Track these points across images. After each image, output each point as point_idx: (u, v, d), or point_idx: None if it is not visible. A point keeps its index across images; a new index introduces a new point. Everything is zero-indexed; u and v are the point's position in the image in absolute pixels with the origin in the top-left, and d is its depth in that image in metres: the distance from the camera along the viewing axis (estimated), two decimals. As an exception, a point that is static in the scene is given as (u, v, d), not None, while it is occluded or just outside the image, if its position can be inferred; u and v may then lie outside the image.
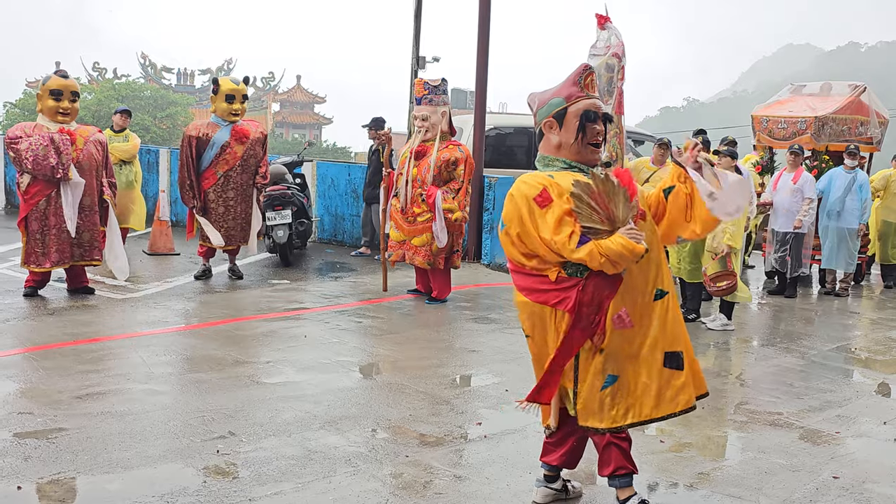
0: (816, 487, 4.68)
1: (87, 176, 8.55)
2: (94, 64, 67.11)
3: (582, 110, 3.97)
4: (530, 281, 3.97)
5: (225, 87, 9.89)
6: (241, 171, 9.87)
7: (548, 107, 4.03)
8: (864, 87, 12.62)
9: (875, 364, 7.90)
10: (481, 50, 12.38)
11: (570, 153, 3.99)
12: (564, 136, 3.98)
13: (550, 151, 4.04)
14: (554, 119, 4.00)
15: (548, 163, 4.03)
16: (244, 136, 9.85)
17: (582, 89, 4.02)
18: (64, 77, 8.68)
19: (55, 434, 4.90)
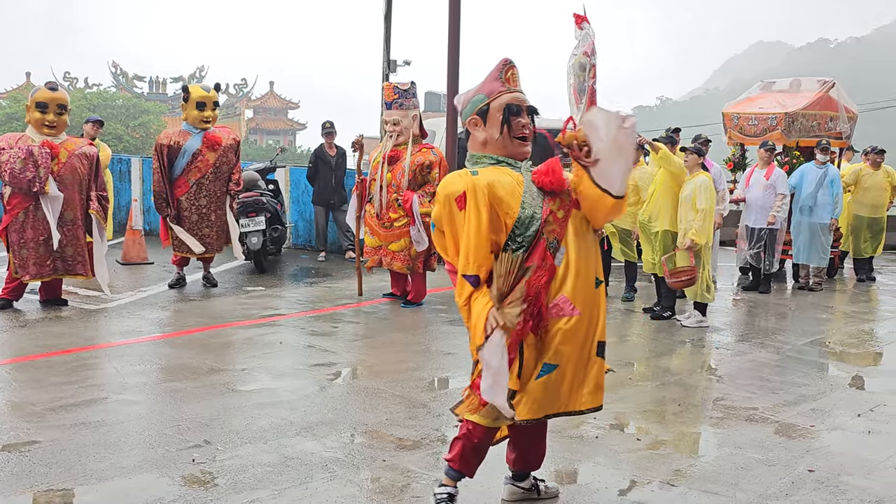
0: (792, 481, 4.71)
1: (68, 190, 8.47)
2: (65, 73, 66.60)
3: (504, 104, 3.97)
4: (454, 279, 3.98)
5: (195, 95, 9.84)
6: (214, 178, 9.81)
7: (471, 104, 4.03)
8: (833, 82, 12.73)
9: (849, 357, 7.96)
10: (452, 53, 12.39)
11: (497, 148, 3.99)
12: (489, 131, 3.98)
13: (478, 149, 4.03)
14: (478, 116, 4.00)
15: (476, 160, 4.02)
16: (216, 143, 9.79)
17: (503, 83, 4.03)
18: (52, 90, 8.57)
19: (28, 447, 4.85)
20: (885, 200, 12.91)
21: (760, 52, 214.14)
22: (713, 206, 8.81)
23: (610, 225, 10.14)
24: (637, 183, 9.93)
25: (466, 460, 4.10)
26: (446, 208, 3.85)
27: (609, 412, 5.88)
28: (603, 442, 5.29)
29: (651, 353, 7.86)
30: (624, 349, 8.06)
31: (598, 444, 5.25)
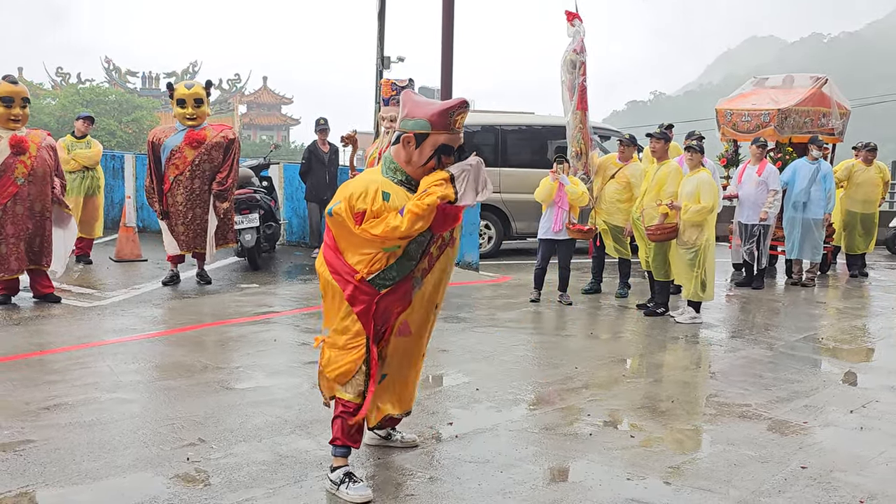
0: (785, 478, 4.73)
1: (39, 182, 8.57)
2: (58, 69, 66.54)
3: (441, 143, 4.21)
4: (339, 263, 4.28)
5: (177, 92, 9.81)
6: (192, 176, 9.65)
7: (414, 123, 4.23)
8: (826, 78, 12.75)
9: (842, 353, 7.99)
10: (446, 50, 12.40)
11: (414, 172, 4.26)
12: (417, 157, 4.24)
13: (400, 161, 4.28)
14: (414, 137, 4.22)
15: (393, 168, 4.29)
16: (198, 140, 9.65)
17: (450, 125, 4.22)
18: (13, 83, 8.63)
19: (22, 446, 4.85)
20: (877, 196, 12.97)
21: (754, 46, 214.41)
22: (717, 203, 8.89)
23: (602, 222, 10.18)
24: (629, 179, 9.97)
25: (349, 434, 4.41)
26: (346, 214, 4.14)
27: (603, 409, 5.91)
28: (596, 439, 5.30)
29: (644, 349, 7.88)
30: (617, 346, 8.08)
31: (592, 441, 5.27)
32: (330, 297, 4.36)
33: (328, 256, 4.32)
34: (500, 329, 8.42)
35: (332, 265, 4.30)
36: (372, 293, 4.24)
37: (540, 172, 9.96)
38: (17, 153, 8.41)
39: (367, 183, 4.20)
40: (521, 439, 5.24)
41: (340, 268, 4.26)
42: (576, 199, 9.44)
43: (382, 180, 4.23)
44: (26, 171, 8.44)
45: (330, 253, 4.32)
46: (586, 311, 9.59)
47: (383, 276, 4.23)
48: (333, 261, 4.29)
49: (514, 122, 14.77)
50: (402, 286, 4.30)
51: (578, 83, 10.54)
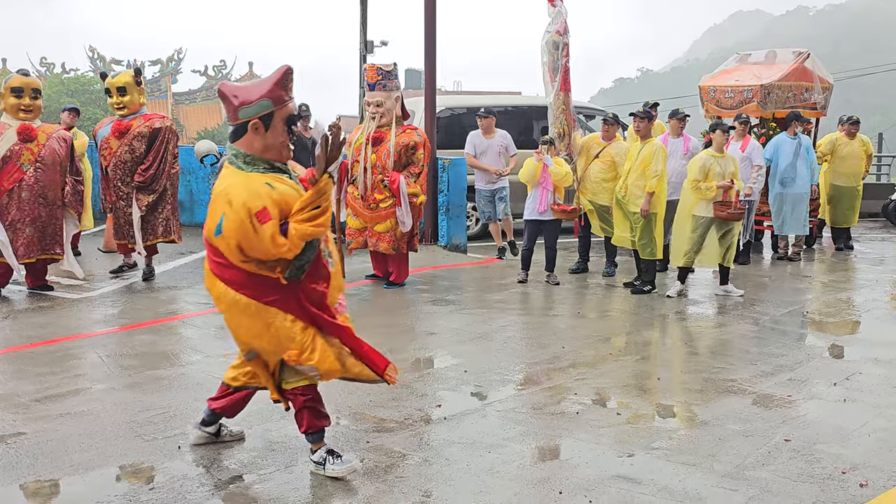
0: (768, 451, 4.80)
1: (49, 171, 8.64)
2: (42, 59, 65.99)
3: (287, 115, 4.15)
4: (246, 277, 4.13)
5: (106, 83, 9.49)
6: (115, 167, 9.32)
7: (256, 107, 4.09)
8: (808, 53, 12.78)
9: (826, 326, 8.07)
10: (429, 32, 12.38)
11: (275, 154, 4.17)
12: (271, 138, 4.13)
13: (255, 151, 4.13)
14: (260, 121, 4.09)
15: (252, 162, 4.13)
16: (123, 131, 9.33)
17: (286, 92, 4.16)
18: (25, 75, 8.82)
19: (14, 438, 4.89)
20: (861, 169, 13.03)
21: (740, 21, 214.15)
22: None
23: (588, 202, 10.22)
24: (614, 158, 10.01)
25: (318, 416, 4.45)
26: (245, 219, 3.94)
27: (590, 387, 5.98)
28: (583, 417, 5.37)
29: (631, 327, 7.94)
30: (604, 324, 8.14)
31: (579, 419, 5.33)
32: (243, 317, 4.20)
33: (229, 275, 4.13)
34: (488, 310, 8.47)
35: (235, 281, 4.13)
36: (293, 286, 4.16)
37: (526, 153, 9.99)
38: (24, 140, 8.50)
39: (244, 183, 4.03)
40: (509, 419, 5.30)
41: (249, 279, 4.12)
42: (560, 180, 9.48)
43: (253, 176, 4.07)
44: (33, 159, 8.53)
45: (229, 271, 4.13)
46: (574, 290, 9.65)
47: (297, 264, 4.12)
48: (236, 276, 4.12)
49: (499, 104, 14.78)
50: (316, 262, 4.23)
51: (562, 64, 10.56)
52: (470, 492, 4.25)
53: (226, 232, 3.98)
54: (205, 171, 13.72)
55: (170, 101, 69.08)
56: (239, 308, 4.18)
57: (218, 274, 4.18)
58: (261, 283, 4.12)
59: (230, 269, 4.12)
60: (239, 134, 4.13)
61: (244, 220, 3.93)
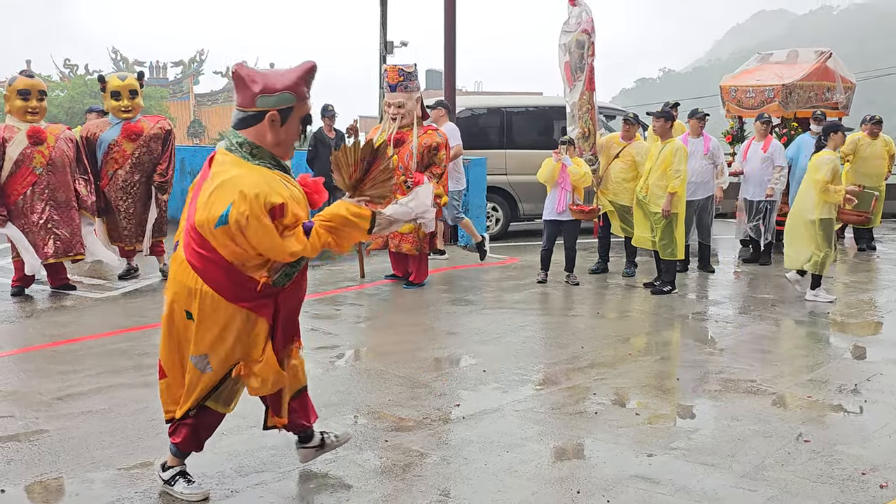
0: (788, 452, 4.78)
1: (59, 173, 8.69)
2: (66, 60, 66.53)
3: (304, 113, 3.93)
4: (228, 277, 3.86)
5: (111, 85, 9.44)
6: (132, 169, 9.37)
7: (277, 98, 3.84)
8: (830, 52, 12.71)
9: (847, 328, 8.02)
10: (448, 32, 12.40)
11: (282, 152, 3.95)
12: (284, 134, 3.90)
13: (266, 144, 3.88)
14: (279, 114, 3.85)
15: (259, 155, 3.88)
16: (135, 133, 9.37)
17: (308, 92, 3.94)
18: (30, 77, 8.86)
19: (37, 436, 4.94)
20: (884, 170, 12.91)
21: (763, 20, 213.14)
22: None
23: (608, 203, 10.21)
24: (634, 158, 9.98)
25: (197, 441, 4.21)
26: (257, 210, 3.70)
27: (609, 387, 5.97)
28: (602, 417, 5.36)
29: (651, 328, 7.93)
30: (624, 324, 8.12)
31: (598, 419, 5.33)
32: (211, 316, 3.89)
33: (210, 271, 3.83)
34: (508, 310, 8.47)
35: (216, 280, 3.84)
36: (275, 292, 3.96)
37: (546, 154, 9.98)
38: (34, 143, 8.55)
39: (257, 174, 3.79)
40: (528, 419, 5.31)
41: (231, 280, 3.85)
42: (578, 180, 9.46)
43: (262, 170, 3.83)
44: (44, 161, 8.58)
45: (213, 266, 3.83)
46: (593, 290, 9.64)
47: (287, 271, 3.95)
48: (218, 275, 3.83)
49: (519, 104, 14.79)
50: (299, 276, 4.07)
51: (588, 63, 10.54)
52: (488, 491, 4.26)
53: (232, 223, 3.68)
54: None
55: (192, 102, 69.45)
56: (210, 306, 3.87)
57: (197, 266, 3.85)
58: (241, 284, 3.86)
59: (212, 265, 3.82)
60: (250, 122, 3.86)
61: (258, 213, 3.67)
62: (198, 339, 3.94)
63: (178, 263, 3.94)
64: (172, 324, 4.03)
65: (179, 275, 3.92)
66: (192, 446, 4.20)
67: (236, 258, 3.82)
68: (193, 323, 3.92)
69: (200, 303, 3.87)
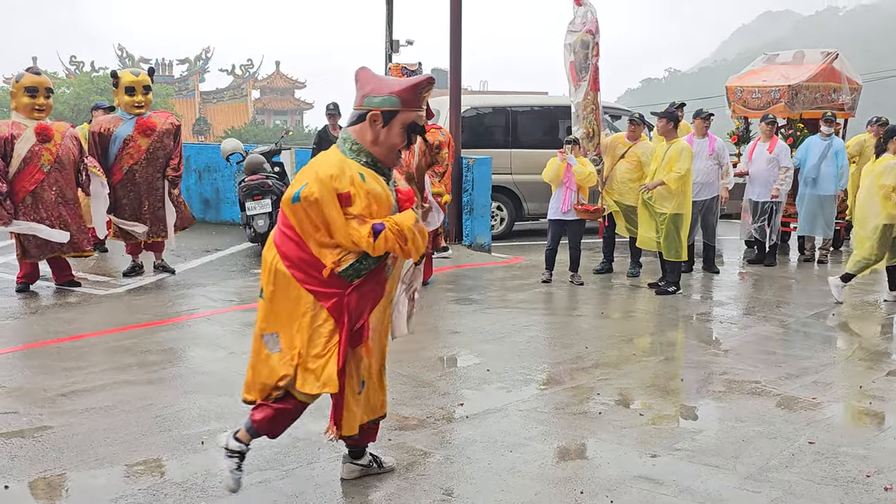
0: (792, 454, 4.77)
1: (66, 171, 8.71)
2: (71, 57, 66.75)
3: (410, 121, 3.98)
4: (302, 256, 3.93)
5: (125, 80, 9.48)
6: (147, 164, 9.45)
7: (382, 100, 3.95)
8: (837, 53, 12.69)
9: (853, 329, 8.00)
10: (454, 31, 12.39)
11: (381, 152, 4.00)
12: (385, 135, 3.97)
13: (365, 142, 3.98)
14: (381, 115, 3.94)
15: (357, 151, 3.98)
16: (149, 128, 9.44)
17: (419, 102, 4.01)
18: (37, 74, 8.80)
19: (40, 432, 4.94)
20: (890, 171, 12.87)
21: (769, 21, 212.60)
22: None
23: (614, 203, 10.20)
24: (640, 158, 9.98)
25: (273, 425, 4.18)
26: (328, 195, 3.81)
27: (613, 388, 5.96)
28: (606, 417, 5.35)
29: (655, 328, 7.91)
30: (628, 325, 8.11)
31: (602, 419, 5.32)
32: (283, 295, 3.96)
33: (287, 248, 3.93)
34: (512, 310, 8.46)
35: (290, 257, 3.92)
36: (342, 286, 3.92)
37: (551, 153, 9.97)
38: (42, 141, 8.55)
39: (338, 162, 3.91)
40: (531, 419, 5.30)
41: (303, 260, 3.91)
42: (583, 180, 9.45)
43: (349, 161, 3.94)
44: (52, 159, 8.59)
45: (290, 244, 3.93)
46: (598, 290, 9.63)
47: (357, 266, 3.92)
48: (293, 252, 3.92)
49: (524, 103, 14.79)
50: (375, 275, 4.01)
51: (592, 63, 10.53)
52: (491, 490, 4.26)
53: (302, 200, 3.82)
54: (230, 169, 13.80)
55: (197, 99, 69.58)
56: (282, 285, 3.95)
57: (278, 244, 3.98)
58: (310, 266, 3.90)
59: (290, 243, 3.93)
60: (357, 121, 4.01)
61: (326, 195, 3.80)
62: (268, 316, 4.02)
63: (268, 241, 4.08)
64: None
65: (265, 252, 4.06)
66: (271, 428, 4.17)
67: (308, 236, 3.90)
68: (264, 301, 4.02)
69: (275, 280, 3.97)
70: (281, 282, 3.95)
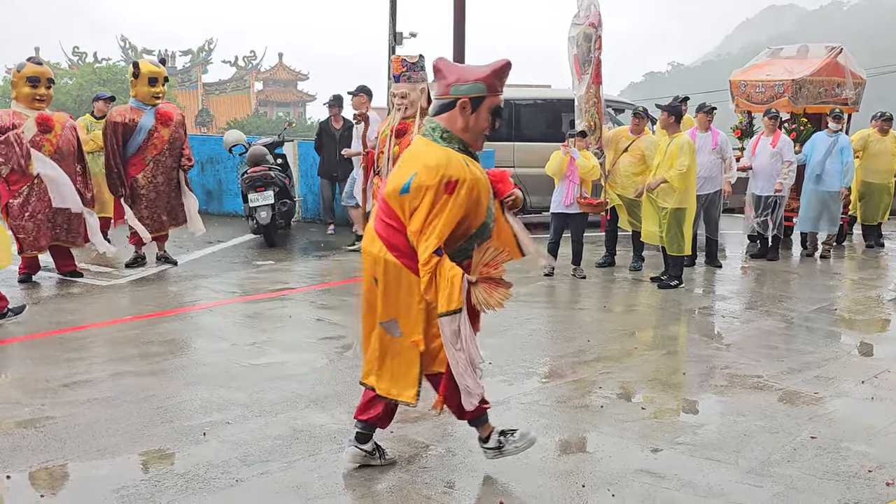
0: (794, 448, 4.76)
1: (66, 161, 8.75)
2: (74, 48, 66.73)
3: (495, 105, 4.11)
4: (409, 246, 4.02)
5: (146, 70, 9.53)
6: (168, 154, 9.60)
7: (469, 87, 4.08)
8: (841, 48, 12.65)
9: (855, 324, 7.99)
10: (458, 24, 12.38)
11: (471, 138, 4.14)
12: (474, 121, 4.10)
13: (455, 129, 4.10)
14: (470, 102, 4.07)
15: (449, 139, 4.09)
16: (169, 118, 9.58)
17: (501, 86, 4.13)
18: (38, 64, 8.81)
19: (43, 423, 4.95)
20: (893, 166, 12.84)
21: (773, 15, 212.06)
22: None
23: (616, 196, 10.18)
24: (644, 152, 9.96)
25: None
26: (436, 181, 3.90)
27: (615, 381, 5.96)
28: (608, 411, 5.35)
29: (658, 322, 7.91)
30: (631, 318, 8.10)
31: (604, 413, 5.32)
32: (394, 284, 4.08)
33: (394, 239, 4.05)
34: (514, 303, 8.42)
35: (398, 247, 4.04)
36: None
37: (555, 146, 9.95)
38: (43, 131, 8.56)
39: (442, 151, 4.02)
40: (533, 412, 5.30)
41: (410, 247, 4.01)
42: (586, 173, 9.44)
43: (448, 149, 4.05)
44: (52, 150, 8.61)
45: (397, 234, 4.05)
46: (600, 284, 9.62)
47: (463, 248, 4.06)
48: (401, 242, 4.04)
49: (528, 96, 14.75)
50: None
51: (595, 57, 10.50)
52: (493, 483, 4.26)
53: (413, 191, 3.94)
54: (233, 160, 13.79)
55: (200, 91, 69.52)
56: (393, 274, 4.08)
57: (383, 235, 4.11)
58: None
59: (398, 234, 4.05)
60: (444, 109, 4.14)
61: (436, 184, 3.90)
62: (384, 304, 4.15)
63: (368, 235, 4.22)
64: (368, 293, 4.26)
65: (368, 245, 4.20)
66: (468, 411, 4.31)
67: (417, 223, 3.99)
68: (379, 288, 4.14)
69: (385, 269, 4.10)
70: (392, 272, 4.08)
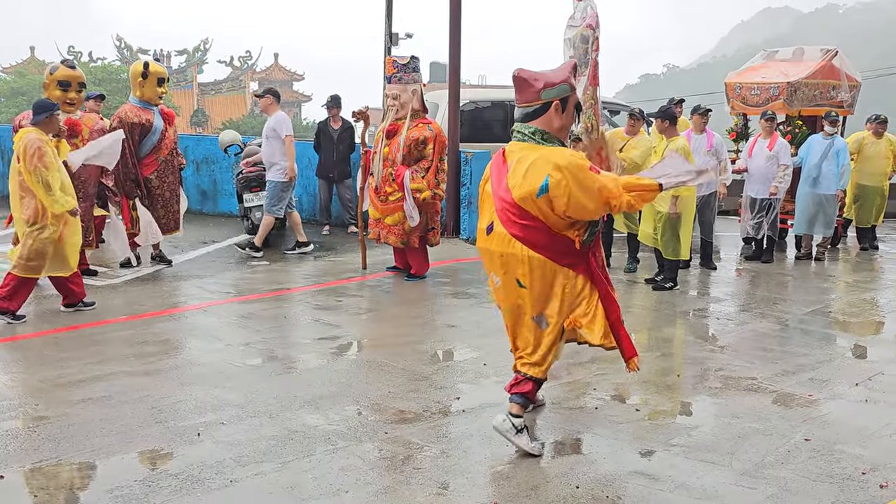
0: (788, 450, 4.77)
1: (91, 166, 8.62)
2: (70, 48, 66.67)
3: (576, 101, 4.57)
4: (550, 241, 4.49)
5: (156, 71, 9.49)
6: (175, 153, 9.68)
7: (557, 90, 4.50)
8: (836, 51, 12.67)
9: (850, 326, 8.00)
10: (454, 25, 12.36)
11: (564, 135, 4.59)
12: (566, 120, 4.56)
13: (552, 130, 4.53)
14: (560, 102, 4.50)
15: (549, 139, 4.51)
16: (171, 118, 9.70)
17: (575, 83, 4.56)
18: (72, 67, 8.66)
19: (36, 423, 4.94)
20: (888, 169, 12.86)
21: (768, 17, 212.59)
22: None
23: (612, 197, 10.19)
24: (634, 150, 9.97)
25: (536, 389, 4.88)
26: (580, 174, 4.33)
27: (609, 383, 5.97)
28: (602, 412, 5.36)
29: (652, 323, 7.91)
30: (626, 320, 8.08)
31: (598, 414, 5.32)
32: (539, 279, 4.54)
33: (534, 237, 4.47)
34: (509, 304, 8.44)
35: (539, 244, 4.48)
36: (584, 252, 4.57)
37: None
38: (70, 136, 8.53)
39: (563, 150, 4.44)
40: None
41: (553, 241, 4.49)
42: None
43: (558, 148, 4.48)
44: None
45: (536, 233, 4.47)
46: (595, 285, 9.60)
47: (592, 230, 4.55)
48: (542, 238, 4.47)
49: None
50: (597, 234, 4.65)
51: (592, 58, 10.50)
52: (487, 484, 4.26)
53: (553, 190, 4.32)
54: (228, 160, 13.77)
55: (195, 91, 69.48)
56: (536, 269, 4.51)
57: (520, 236, 4.49)
58: (561, 245, 4.50)
59: (535, 232, 4.47)
60: (538, 113, 4.53)
61: (579, 175, 4.32)
62: (533, 301, 4.61)
63: (501, 239, 4.58)
64: (507, 294, 4.70)
65: (504, 247, 4.57)
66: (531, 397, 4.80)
67: (553, 221, 4.46)
68: (525, 289, 4.59)
69: (529, 267, 4.53)
70: (537, 267, 4.53)
